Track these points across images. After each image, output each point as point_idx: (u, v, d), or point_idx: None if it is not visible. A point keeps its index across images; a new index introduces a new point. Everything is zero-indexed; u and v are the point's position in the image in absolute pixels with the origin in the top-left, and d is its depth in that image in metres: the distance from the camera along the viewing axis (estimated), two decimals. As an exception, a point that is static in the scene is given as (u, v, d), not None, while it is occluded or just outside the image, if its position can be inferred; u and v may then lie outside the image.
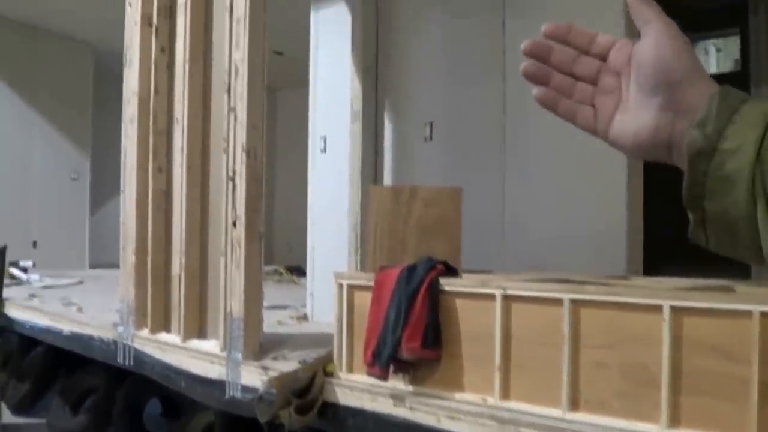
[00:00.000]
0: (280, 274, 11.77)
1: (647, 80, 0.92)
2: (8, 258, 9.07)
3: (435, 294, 4.27)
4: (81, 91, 14.15)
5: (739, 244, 0.87)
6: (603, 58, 1.00)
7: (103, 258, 13.84)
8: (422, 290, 4.26)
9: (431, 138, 6.68)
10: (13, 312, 8.63)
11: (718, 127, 0.87)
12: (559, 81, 1.03)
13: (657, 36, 0.92)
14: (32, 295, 9.43)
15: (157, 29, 6.46)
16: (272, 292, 5.82)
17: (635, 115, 0.94)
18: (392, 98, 7.08)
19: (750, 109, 0.87)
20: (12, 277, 10.88)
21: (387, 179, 6.99)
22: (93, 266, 13.95)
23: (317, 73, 7.29)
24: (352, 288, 4.85)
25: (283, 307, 7.68)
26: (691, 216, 0.90)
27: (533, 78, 1.03)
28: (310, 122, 7.27)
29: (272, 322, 6.37)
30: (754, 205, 0.84)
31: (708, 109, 0.88)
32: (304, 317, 7.08)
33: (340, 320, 4.88)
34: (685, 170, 0.89)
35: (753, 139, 0.84)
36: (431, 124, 6.67)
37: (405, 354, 4.26)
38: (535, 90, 1.03)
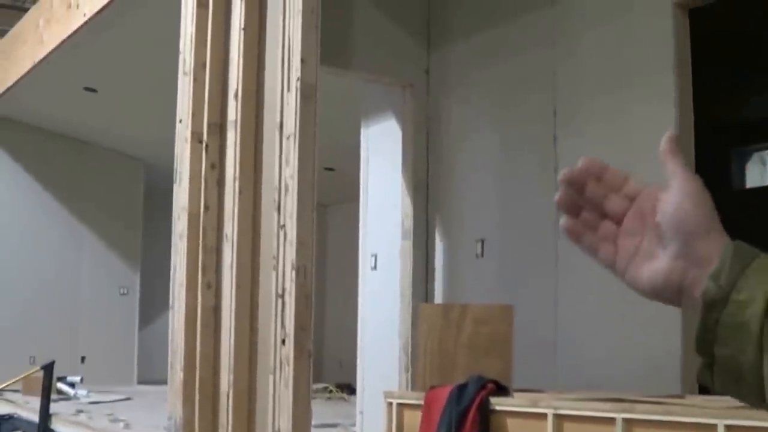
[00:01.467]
0: (330, 391, 11.78)
1: (666, 229, 1.00)
2: (56, 373, 9.21)
3: (485, 414, 4.30)
4: (131, 205, 14.47)
5: (743, 389, 0.95)
6: (632, 199, 1.07)
7: (152, 374, 13.92)
8: (472, 410, 4.29)
9: (482, 255, 6.76)
10: (59, 427, 8.75)
11: (731, 279, 0.94)
12: (587, 214, 1.09)
13: (680, 189, 1.00)
14: (79, 411, 9.57)
15: (207, 146, 6.64)
16: (322, 410, 5.88)
17: (651, 261, 1.02)
18: (443, 214, 7.18)
19: (760, 264, 0.95)
20: (59, 392, 11.03)
21: (438, 297, 7.04)
22: (141, 382, 14.03)
23: (368, 190, 7.43)
24: (401, 407, 4.89)
25: (333, 426, 7.70)
26: (700, 359, 0.97)
27: (565, 207, 1.09)
28: (361, 239, 7.39)
29: (321, 441, 6.39)
30: (761, 354, 0.92)
31: (722, 262, 0.96)
32: (354, 436, 7.09)
33: (389, 439, 4.90)
34: (698, 317, 0.96)
35: (763, 293, 0.92)
36: (482, 241, 6.76)
37: (455, 475, 4.27)
38: (563, 220, 1.08)
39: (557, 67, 6.42)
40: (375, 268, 7.18)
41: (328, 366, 13.41)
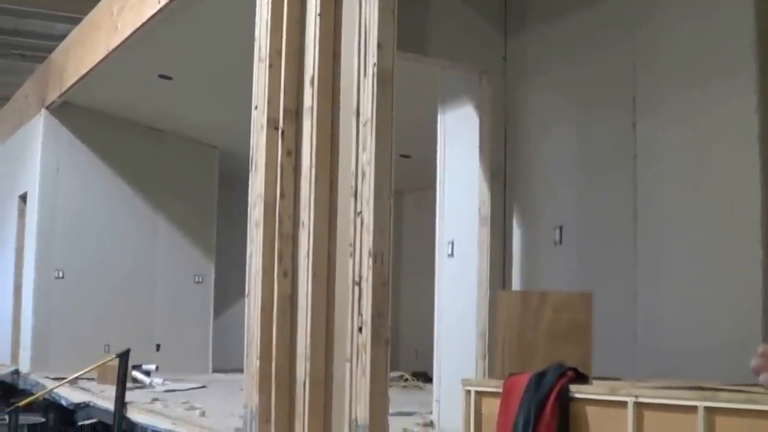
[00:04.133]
0: (406, 379, 11.88)
1: None
2: (131, 361, 9.40)
3: (565, 401, 4.35)
4: (206, 193, 14.69)
5: None
6: None
7: (226, 362, 14.13)
8: (552, 397, 4.35)
9: (561, 242, 6.79)
10: (135, 415, 8.92)
11: None
12: None
13: None
14: (155, 399, 9.75)
15: (283, 133, 6.75)
16: (398, 398, 5.97)
17: None
18: (521, 201, 7.22)
19: None
20: (134, 380, 11.26)
21: (515, 284, 7.09)
22: (216, 370, 14.28)
23: (444, 177, 7.49)
24: (480, 395, 4.96)
25: (410, 414, 7.78)
26: None
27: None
28: (438, 226, 7.45)
29: (398, 429, 6.48)
30: None
31: None
32: (430, 424, 7.17)
33: (467, 428, 4.98)
34: None
35: None
36: (561, 228, 6.79)
37: (535, 463, 4.33)
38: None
39: (636, 55, 6.42)
40: (452, 255, 7.25)
41: (403, 354, 13.52)
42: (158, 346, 13.73)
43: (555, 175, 7.03)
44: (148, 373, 11.81)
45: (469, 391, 5.01)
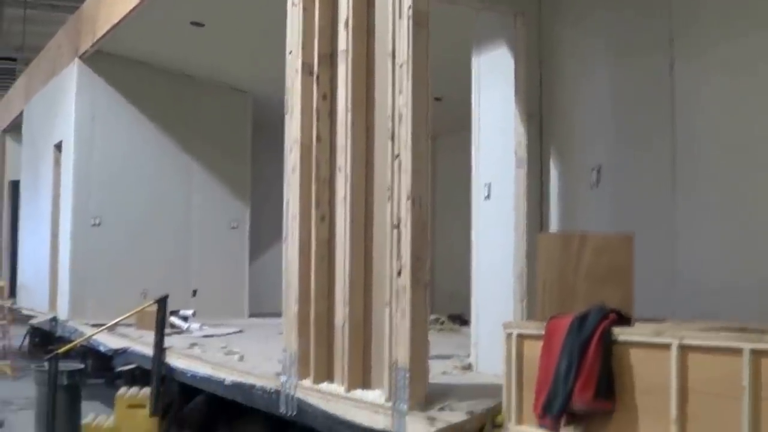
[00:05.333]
0: (442, 322, 11.89)
1: None
2: (169, 307, 9.43)
3: (608, 343, 4.32)
4: (240, 139, 14.67)
5: None
6: None
7: (262, 307, 14.21)
8: (594, 340, 4.32)
9: (598, 183, 6.71)
10: (174, 361, 8.99)
11: None
12: None
13: None
14: (193, 344, 9.82)
15: (318, 77, 6.71)
16: (434, 341, 5.94)
17: None
18: (557, 142, 7.13)
19: None
20: (172, 326, 11.33)
21: (552, 226, 7.03)
22: (252, 315, 14.36)
23: (480, 119, 7.40)
24: (521, 338, 4.93)
25: (447, 357, 7.78)
26: None
27: None
28: (474, 169, 7.38)
29: (436, 373, 6.47)
30: None
31: None
32: (468, 367, 7.16)
33: (509, 370, 4.96)
34: None
35: None
36: (598, 169, 6.70)
37: (577, 405, 4.31)
38: None
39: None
40: (488, 197, 7.18)
41: (438, 297, 13.52)
42: (195, 292, 13.80)
43: (592, 116, 6.93)
44: (185, 318, 11.88)
45: (510, 334, 4.99)
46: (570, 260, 4.99)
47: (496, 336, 5.38)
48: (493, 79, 7.37)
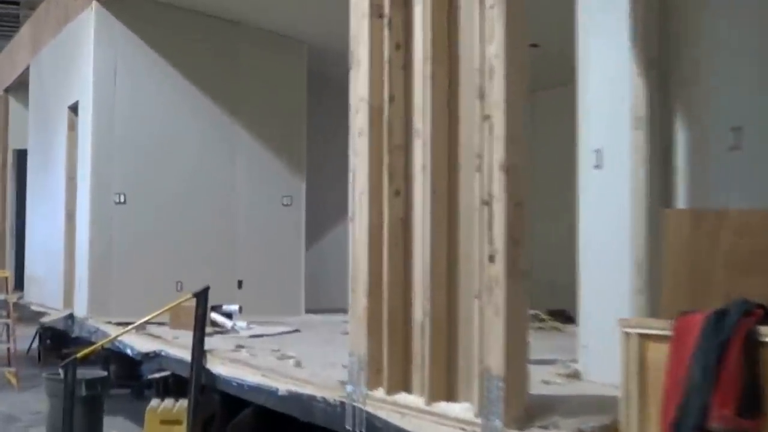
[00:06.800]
0: (541, 320, 11.86)
1: None
2: (210, 302, 9.50)
3: (753, 346, 4.28)
4: (293, 98, 14.75)
5: None
6: None
7: (323, 301, 14.27)
8: (736, 342, 4.28)
9: (739, 147, 6.62)
10: (216, 367, 9.06)
11: None
12: None
13: None
14: (239, 346, 9.90)
15: (390, 21, 6.70)
16: (533, 343, 5.93)
17: None
18: (684, 99, 7.06)
19: None
20: (214, 324, 11.44)
21: (680, 201, 6.96)
22: (310, 311, 14.48)
23: (587, 71, 7.35)
24: (643, 338, 4.90)
25: (549, 362, 7.77)
26: None
27: None
28: (580, 132, 7.34)
29: (536, 381, 6.47)
30: None
31: None
32: (575, 375, 7.15)
33: (628, 379, 4.94)
34: None
35: None
36: (739, 130, 6.62)
37: (715, 423, 4.28)
38: None
39: None
40: (599, 166, 7.13)
41: (536, 288, 13.48)
42: (240, 283, 13.92)
43: (728, 65, 6.84)
44: (229, 316, 11.98)
45: (629, 334, 4.96)
46: (703, 243, 4.95)
47: (610, 336, 5.36)
48: (603, 21, 7.31)
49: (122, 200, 13.42)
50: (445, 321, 6.15)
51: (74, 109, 14.65)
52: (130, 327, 10.12)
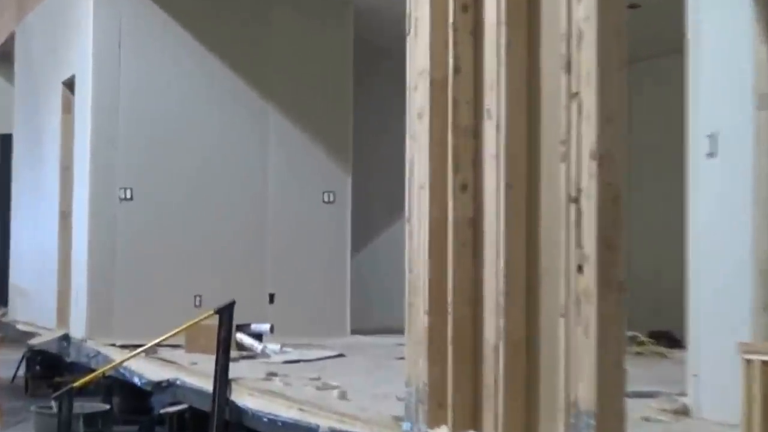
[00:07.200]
0: (641, 343, 11.81)
1: None
2: (235, 320, 9.53)
3: None
4: (337, 72, 14.75)
5: None
6: None
7: (372, 318, 14.26)
8: None
9: None
10: (244, 399, 9.10)
11: None
12: None
13: None
14: (271, 374, 9.95)
15: (455, -23, 6.73)
16: (631, 372, 5.92)
17: None
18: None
19: None
20: (241, 347, 11.48)
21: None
22: (357, 330, 14.47)
23: (699, 37, 7.35)
24: (768, 366, 4.91)
25: (651, 395, 7.76)
26: None
27: None
28: (690, 113, 7.33)
29: (635, 418, 6.47)
30: None
31: None
32: (683, 411, 7.14)
33: (749, 417, 4.94)
34: None
35: None
36: None
37: None
38: None
39: None
40: (713, 154, 7.12)
41: (634, 305, 13.45)
42: (272, 297, 13.96)
43: None
44: (259, 337, 12.02)
45: (750, 361, 4.97)
46: None
47: (727, 364, 5.36)
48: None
49: (128, 196, 13.49)
50: (524, 343, 6.16)
51: (70, 85, 14.76)
52: (138, 351, 10.18)
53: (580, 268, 5.55)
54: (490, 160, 6.38)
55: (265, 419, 8.67)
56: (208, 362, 9.36)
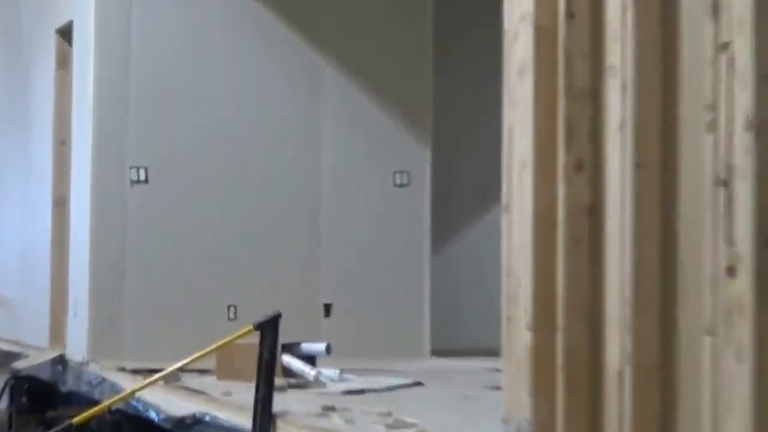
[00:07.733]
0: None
1: None
2: (282, 338, 9.60)
3: None
4: (411, 23, 14.75)
5: None
6: None
7: (457, 337, 14.30)
8: None
9: None
10: (292, 439, 9.22)
11: None
12: None
13: None
14: (328, 408, 10.00)
15: None
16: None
17: None
18: None
19: None
20: (288, 373, 11.55)
21: None
22: (439, 351, 14.54)
23: None
24: None
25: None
26: None
27: None
28: None
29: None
30: None
31: None
32: None
33: None
34: None
35: None
36: None
37: None
38: None
39: None
40: None
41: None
42: (328, 309, 14.00)
43: None
44: (312, 360, 12.08)
45: None
46: None
47: None
48: None
49: (142, 177, 13.51)
50: (657, 367, 6.20)
51: (65, 33, 14.82)
52: (155, 377, 10.28)
53: (730, 271, 5.58)
54: (613, 132, 6.41)
55: (321, 466, 8.80)
56: (245, 392, 9.45)
